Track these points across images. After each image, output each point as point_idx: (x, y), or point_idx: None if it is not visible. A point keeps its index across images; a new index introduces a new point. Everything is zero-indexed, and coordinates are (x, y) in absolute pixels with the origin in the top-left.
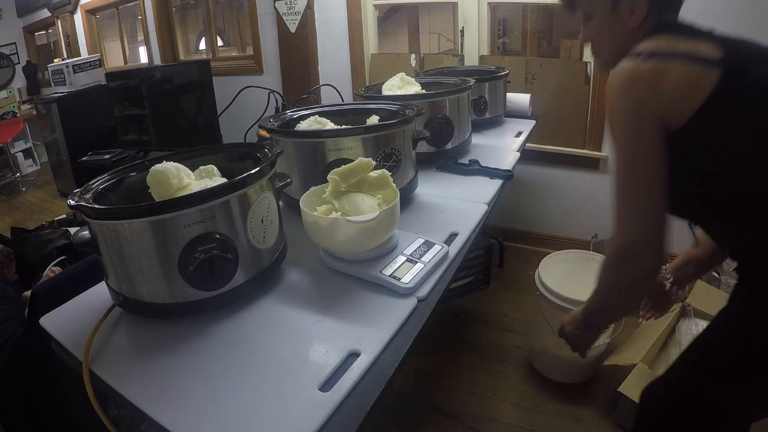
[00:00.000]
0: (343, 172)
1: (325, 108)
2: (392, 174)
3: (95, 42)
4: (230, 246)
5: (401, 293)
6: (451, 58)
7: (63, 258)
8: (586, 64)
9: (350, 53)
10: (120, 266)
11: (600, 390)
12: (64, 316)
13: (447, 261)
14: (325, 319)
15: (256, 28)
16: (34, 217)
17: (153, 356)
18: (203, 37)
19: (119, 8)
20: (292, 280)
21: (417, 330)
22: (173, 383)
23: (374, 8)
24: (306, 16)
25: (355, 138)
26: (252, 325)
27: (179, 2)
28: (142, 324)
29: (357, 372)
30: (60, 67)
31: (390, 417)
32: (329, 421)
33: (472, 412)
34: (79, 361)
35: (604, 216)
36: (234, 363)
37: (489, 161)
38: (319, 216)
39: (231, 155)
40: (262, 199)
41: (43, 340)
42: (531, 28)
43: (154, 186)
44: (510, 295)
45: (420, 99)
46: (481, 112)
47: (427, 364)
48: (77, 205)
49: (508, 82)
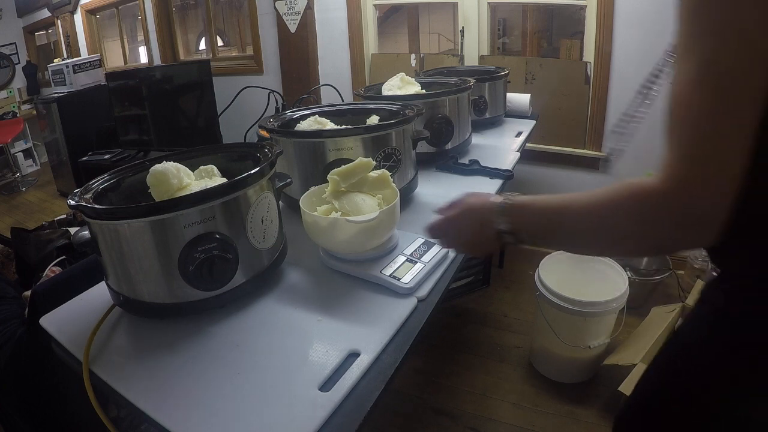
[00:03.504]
0: (343, 172)
1: (325, 108)
2: (392, 174)
3: (95, 42)
4: (230, 246)
5: (401, 293)
6: (451, 58)
7: (63, 258)
8: (586, 64)
9: (350, 53)
10: (120, 266)
11: (600, 390)
12: (64, 316)
13: (447, 261)
14: (325, 319)
15: (256, 28)
16: (34, 217)
17: (153, 356)
18: (203, 37)
19: (119, 8)
20: (292, 280)
21: (417, 330)
22: (173, 383)
23: (374, 8)
24: (306, 16)
25: (355, 138)
26: (252, 325)
27: (179, 2)
28: (142, 324)
29: (357, 372)
30: (60, 67)
31: (390, 417)
32: (329, 421)
33: (472, 412)
34: (79, 361)
35: None
36: (234, 363)
37: (489, 161)
38: (319, 216)
39: (231, 155)
40: (262, 199)
41: (43, 340)
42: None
43: (154, 186)
44: (510, 295)
45: (420, 99)
46: (481, 112)
47: (427, 364)
48: (77, 205)
49: (508, 82)
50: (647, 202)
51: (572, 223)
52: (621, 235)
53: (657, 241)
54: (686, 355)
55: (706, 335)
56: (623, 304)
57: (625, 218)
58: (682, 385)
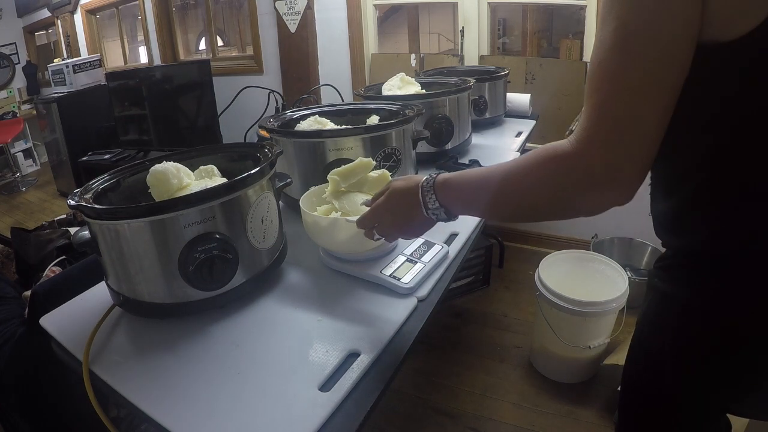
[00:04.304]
0: (343, 172)
1: (325, 108)
2: (392, 174)
3: (95, 42)
4: (230, 246)
5: (401, 293)
6: (451, 58)
7: (63, 258)
8: (586, 64)
9: (350, 53)
10: (120, 266)
11: (600, 390)
12: (64, 316)
13: (447, 261)
14: (325, 319)
15: (256, 28)
16: (34, 217)
17: (153, 356)
18: (203, 37)
19: (119, 8)
20: (292, 280)
21: (417, 330)
22: (173, 383)
23: (374, 8)
24: (306, 16)
25: (355, 138)
26: (252, 325)
27: (179, 2)
28: (142, 324)
29: (357, 372)
30: (60, 67)
31: (390, 417)
32: (329, 421)
33: (472, 412)
34: (79, 362)
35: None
36: (234, 363)
37: (489, 161)
38: (319, 216)
39: (231, 155)
40: (262, 199)
41: (43, 340)
42: (531, 28)
43: (154, 186)
44: (510, 295)
45: (420, 99)
46: (481, 112)
47: (427, 364)
48: (77, 205)
49: (508, 82)
50: (560, 163)
51: (495, 190)
52: (538, 197)
53: (572, 201)
54: (638, 340)
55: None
56: (623, 304)
57: (540, 180)
58: (641, 374)
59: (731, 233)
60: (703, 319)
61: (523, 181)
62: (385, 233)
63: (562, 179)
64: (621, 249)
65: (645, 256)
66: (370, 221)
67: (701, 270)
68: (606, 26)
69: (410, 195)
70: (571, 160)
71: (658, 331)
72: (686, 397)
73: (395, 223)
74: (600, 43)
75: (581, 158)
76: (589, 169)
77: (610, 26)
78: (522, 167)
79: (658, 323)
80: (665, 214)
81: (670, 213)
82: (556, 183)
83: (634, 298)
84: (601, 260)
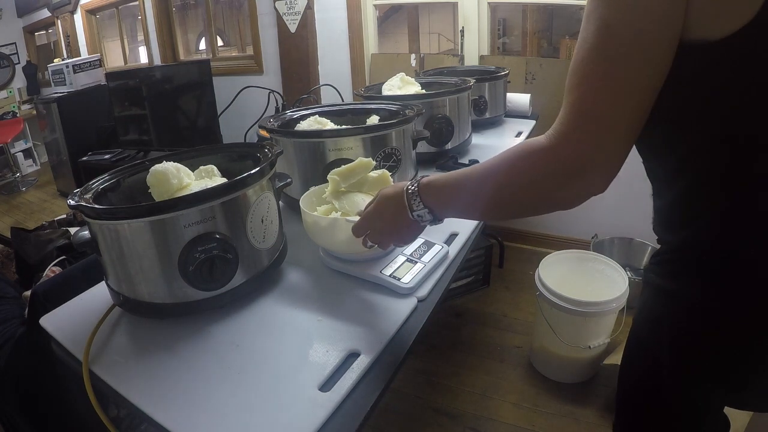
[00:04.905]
0: (343, 172)
1: (325, 108)
2: (392, 174)
3: (95, 42)
4: (230, 246)
5: (401, 293)
6: (451, 58)
7: (63, 258)
8: None
9: (350, 53)
10: (120, 266)
11: (600, 390)
12: (64, 316)
13: (447, 261)
14: (325, 319)
15: (256, 28)
16: (34, 217)
17: (153, 356)
18: (203, 37)
19: (119, 8)
20: (292, 280)
21: (417, 330)
22: (173, 383)
23: (374, 8)
24: (306, 16)
25: (355, 138)
26: (252, 325)
27: (179, 2)
28: (142, 324)
29: (357, 372)
30: (60, 67)
31: (390, 417)
32: (329, 421)
33: (472, 412)
34: (79, 361)
35: (604, 216)
36: (234, 363)
37: None
38: (319, 216)
39: (231, 155)
40: (262, 199)
41: (43, 340)
42: (531, 28)
43: (154, 186)
44: (510, 295)
45: (420, 99)
46: (481, 112)
47: (427, 364)
48: (77, 205)
49: (508, 82)
50: (537, 158)
51: (475, 188)
52: (517, 191)
53: (550, 193)
54: (636, 333)
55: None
56: (623, 304)
57: (518, 175)
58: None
59: (722, 230)
60: (702, 315)
61: (502, 177)
62: (377, 240)
63: (539, 173)
64: (621, 249)
65: (645, 256)
66: (363, 229)
67: (695, 264)
68: (589, 25)
69: (397, 199)
70: (547, 154)
71: (653, 325)
72: (682, 389)
73: (384, 229)
74: (582, 41)
75: (556, 152)
76: (564, 162)
77: (593, 26)
78: (501, 163)
79: (653, 317)
80: (660, 210)
81: (663, 209)
82: (534, 177)
83: (634, 298)
84: (601, 260)
